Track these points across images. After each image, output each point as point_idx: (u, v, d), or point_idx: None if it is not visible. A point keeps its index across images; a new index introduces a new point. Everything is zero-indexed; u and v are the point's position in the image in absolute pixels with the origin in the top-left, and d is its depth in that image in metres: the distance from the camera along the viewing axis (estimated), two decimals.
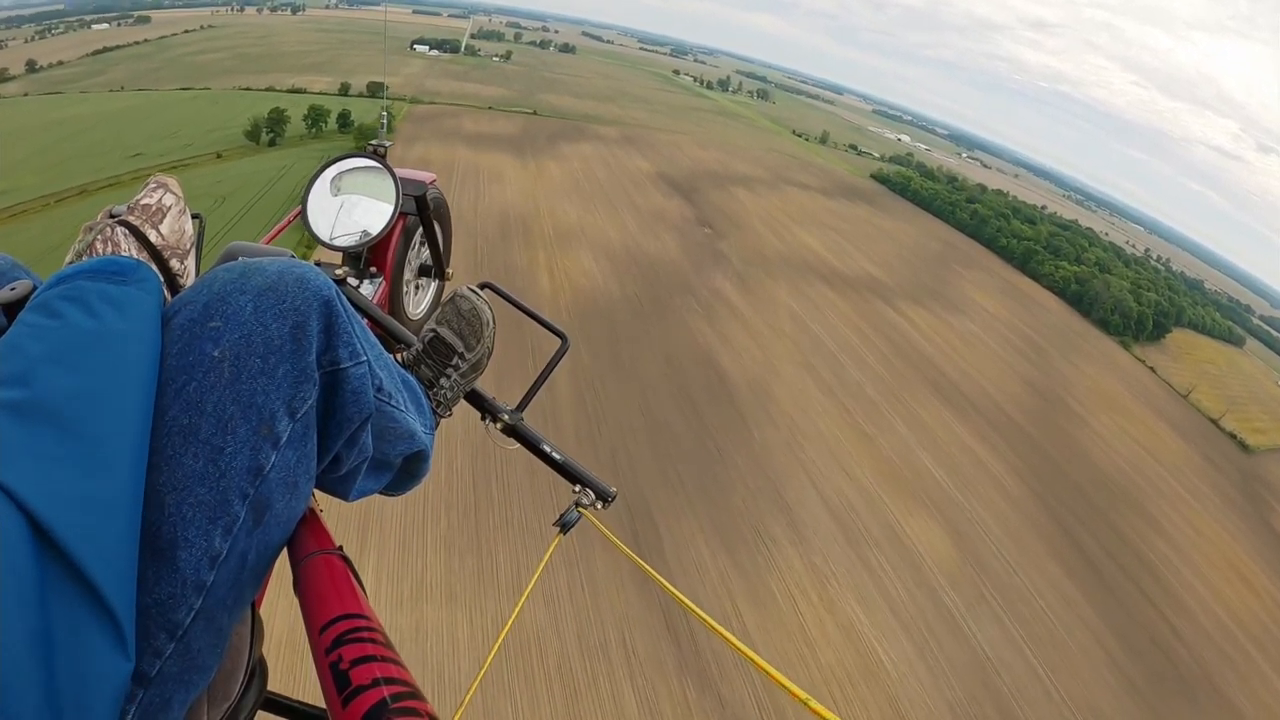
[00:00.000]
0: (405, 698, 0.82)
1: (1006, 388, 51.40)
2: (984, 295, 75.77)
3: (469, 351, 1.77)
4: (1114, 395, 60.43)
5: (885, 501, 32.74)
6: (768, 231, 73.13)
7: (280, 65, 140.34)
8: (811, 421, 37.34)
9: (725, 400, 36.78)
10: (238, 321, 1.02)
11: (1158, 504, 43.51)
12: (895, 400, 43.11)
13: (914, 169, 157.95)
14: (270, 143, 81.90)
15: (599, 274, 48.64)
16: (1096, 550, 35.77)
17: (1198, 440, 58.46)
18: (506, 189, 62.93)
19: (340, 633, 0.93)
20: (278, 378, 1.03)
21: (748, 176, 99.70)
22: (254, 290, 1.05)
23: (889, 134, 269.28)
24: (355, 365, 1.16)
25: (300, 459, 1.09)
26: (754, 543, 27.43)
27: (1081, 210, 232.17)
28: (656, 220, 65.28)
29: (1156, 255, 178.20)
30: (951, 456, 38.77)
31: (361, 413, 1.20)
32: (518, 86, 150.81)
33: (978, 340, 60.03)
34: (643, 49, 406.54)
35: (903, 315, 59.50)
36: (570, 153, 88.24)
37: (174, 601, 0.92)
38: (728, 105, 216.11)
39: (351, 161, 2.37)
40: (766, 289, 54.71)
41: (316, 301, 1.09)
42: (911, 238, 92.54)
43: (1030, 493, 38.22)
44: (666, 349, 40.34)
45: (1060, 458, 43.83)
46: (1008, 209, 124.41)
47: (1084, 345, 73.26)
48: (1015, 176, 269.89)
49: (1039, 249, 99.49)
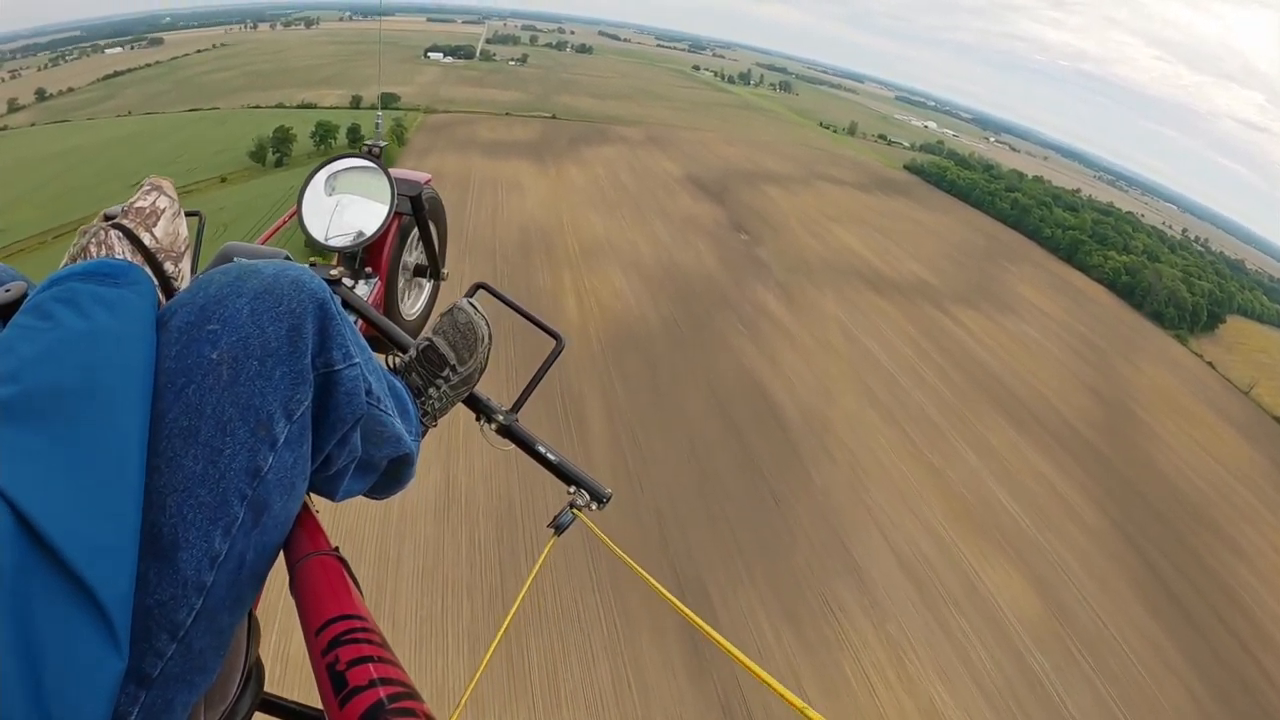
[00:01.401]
0: (402, 698, 0.82)
1: (1070, 398, 48.04)
2: (1034, 292, 72.38)
3: (461, 365, 1.78)
4: (1177, 398, 57.32)
5: (961, 548, 29.21)
6: (806, 233, 69.41)
7: (291, 80, 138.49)
8: (874, 455, 33.61)
9: (779, 436, 32.98)
10: (235, 324, 1.04)
11: (1235, 523, 40.14)
12: (960, 423, 39.41)
13: (947, 157, 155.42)
14: (277, 162, 79.06)
15: (631, 294, 44.86)
16: (1180, 584, 32.52)
17: (1265, 444, 55.02)
18: (526, 199, 59.34)
19: (337, 634, 0.94)
20: (275, 380, 1.05)
21: (779, 173, 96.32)
22: (250, 293, 1.07)
23: (916, 121, 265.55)
24: (349, 367, 1.18)
25: (296, 460, 1.11)
26: (821, 613, 23.97)
27: (1115, 191, 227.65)
28: (688, 227, 61.42)
29: (1195, 235, 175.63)
30: (1025, 486, 35.34)
31: (354, 414, 1.22)
32: (535, 89, 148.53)
33: (1035, 344, 56.64)
34: (660, 46, 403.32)
35: (955, 320, 55.75)
36: (592, 157, 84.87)
37: (175, 602, 0.94)
38: (751, 99, 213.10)
39: (346, 162, 2.36)
40: (811, 299, 50.83)
41: (312, 304, 1.11)
42: (953, 232, 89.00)
43: (1109, 522, 34.89)
44: (710, 379, 36.49)
45: (1134, 476, 40.48)
46: (1048, 196, 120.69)
47: (1141, 342, 70.15)
48: (1045, 159, 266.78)
49: (1085, 238, 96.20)
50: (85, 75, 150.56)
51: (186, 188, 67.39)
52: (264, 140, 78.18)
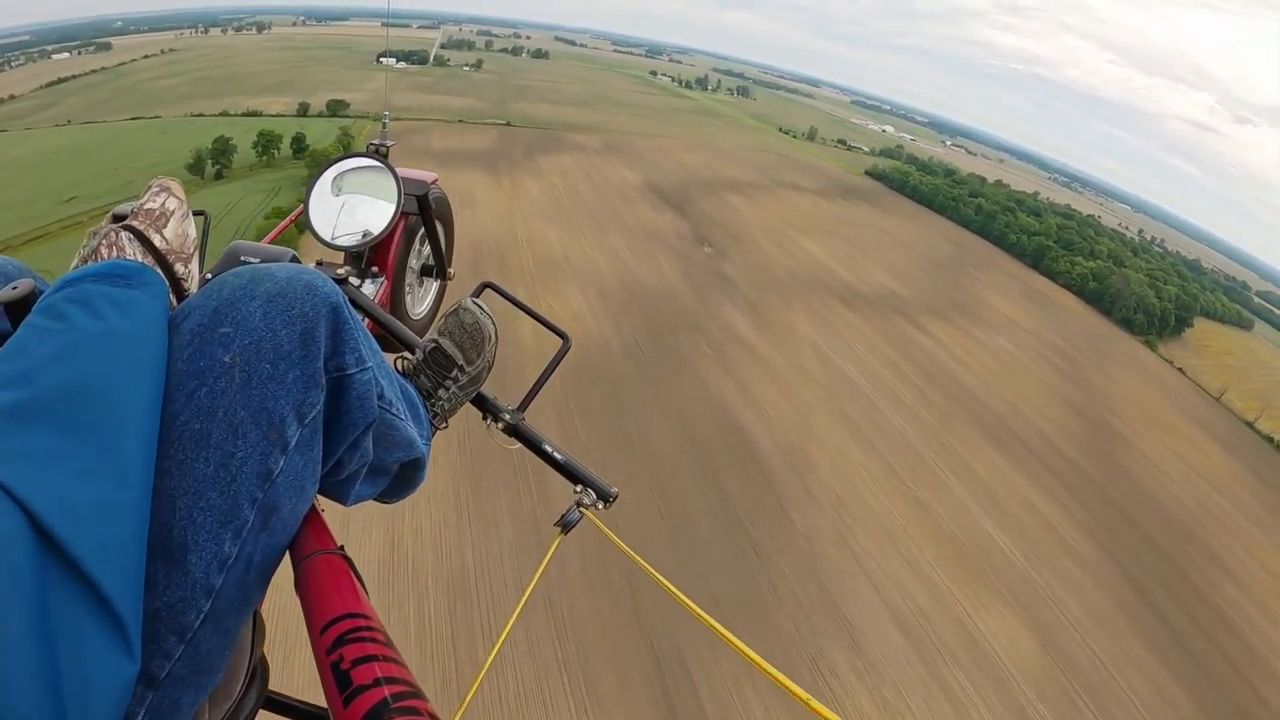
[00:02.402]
0: (406, 697, 0.83)
1: (1050, 414, 47.10)
2: (1004, 301, 72.19)
3: (469, 365, 1.78)
4: (1153, 408, 57.44)
5: (955, 595, 27.36)
6: (771, 244, 67.51)
7: (240, 87, 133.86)
8: (858, 493, 31.35)
9: (755, 475, 30.44)
10: (248, 327, 1.04)
11: (1221, 539, 39.83)
12: (943, 449, 37.52)
13: (907, 162, 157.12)
14: (217, 175, 74.66)
15: (590, 315, 42.00)
16: (1174, 610, 31.72)
17: (1242, 452, 55.61)
18: (479, 213, 55.95)
19: (341, 632, 0.95)
20: (287, 383, 1.05)
21: (740, 181, 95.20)
22: (263, 296, 1.07)
23: (873, 125, 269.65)
24: (361, 371, 1.19)
25: (307, 463, 1.11)
26: (813, 679, 21.73)
27: (1071, 194, 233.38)
28: (650, 240, 58.94)
29: (1151, 236, 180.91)
30: (1014, 517, 33.85)
31: (366, 418, 1.23)
32: (490, 96, 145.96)
33: (1009, 357, 55.73)
34: (617, 51, 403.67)
35: (928, 334, 54.20)
36: (549, 166, 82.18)
37: (184, 605, 0.94)
38: (709, 104, 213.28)
39: (353, 161, 2.34)
40: (783, 318, 48.52)
41: (325, 308, 1.11)
42: (920, 239, 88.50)
43: (1099, 549, 33.82)
44: (679, 411, 33.79)
45: (1119, 496, 39.64)
46: (1011, 202, 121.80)
47: (1112, 350, 70.32)
48: (1000, 162, 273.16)
49: (1051, 244, 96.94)
50: (29, 82, 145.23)
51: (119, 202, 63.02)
52: (202, 151, 74.19)
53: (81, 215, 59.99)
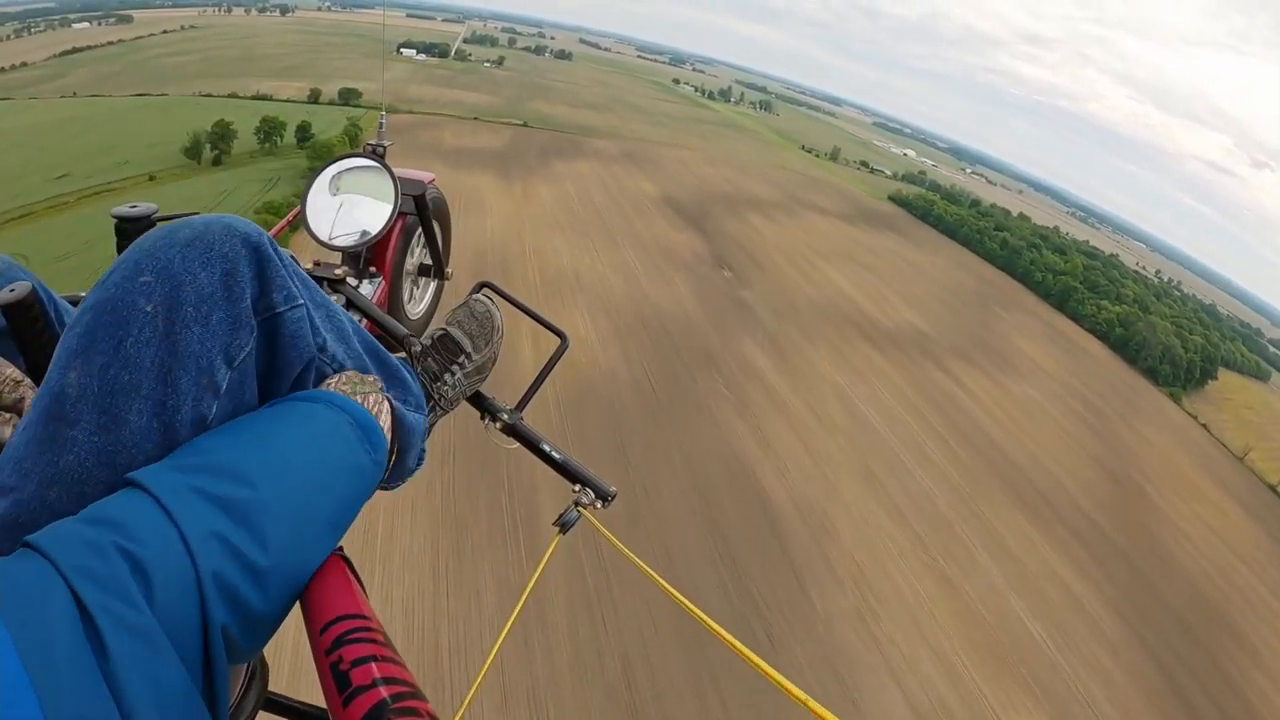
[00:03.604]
0: (405, 698, 0.83)
1: (1079, 474, 44.76)
2: (1031, 344, 69.86)
3: (476, 353, 1.79)
4: (1181, 470, 55.58)
5: (983, 691, 24.60)
6: (793, 270, 64.51)
7: (253, 69, 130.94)
8: (882, 567, 28.30)
9: (773, 545, 27.31)
10: (168, 274, 1.00)
11: (1249, 619, 37.96)
12: (972, 515, 34.62)
13: (929, 189, 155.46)
14: (215, 160, 71.51)
15: (598, 342, 38.72)
16: (1205, 706, 29.79)
17: (1267, 519, 54.03)
18: (487, 219, 52.96)
19: (340, 633, 0.95)
20: (212, 325, 1.02)
21: (762, 199, 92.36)
22: (181, 242, 1.04)
23: (894, 149, 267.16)
24: (291, 309, 1.16)
25: (237, 409, 1.09)
26: None
27: (1088, 229, 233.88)
28: (666, 259, 55.70)
29: (1168, 278, 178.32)
30: (1044, 596, 31.37)
31: (301, 356, 1.21)
32: (508, 93, 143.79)
33: (1037, 409, 53.12)
34: (641, 57, 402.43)
35: (955, 380, 51.36)
36: (564, 171, 79.28)
37: None
38: (731, 116, 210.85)
39: (351, 161, 2.34)
40: (805, 356, 45.32)
41: (245, 248, 1.08)
42: (944, 273, 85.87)
43: (1130, 633, 31.69)
44: (692, 462, 30.51)
45: (1148, 569, 37.81)
46: (1037, 237, 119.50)
47: (1139, 403, 68.64)
48: (1020, 193, 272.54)
49: (1077, 284, 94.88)
50: (44, 50, 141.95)
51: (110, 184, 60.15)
52: (201, 135, 70.89)
53: (69, 195, 57.18)
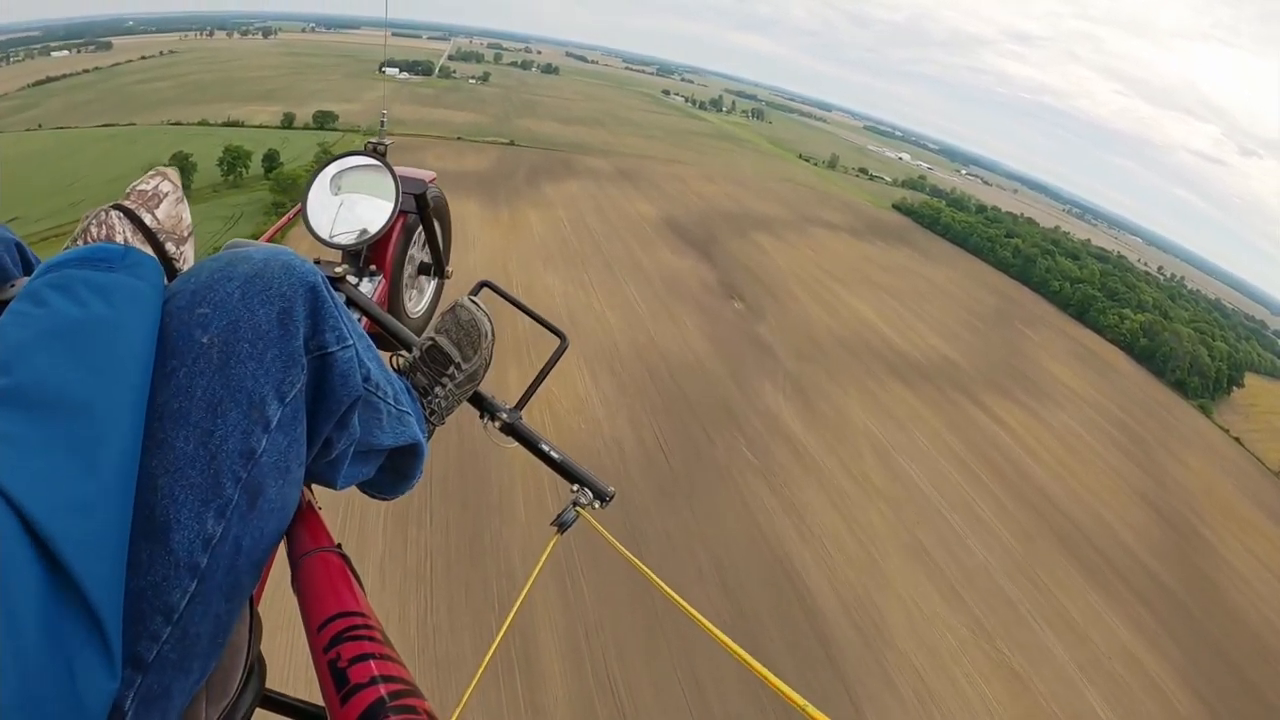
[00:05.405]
0: (403, 695, 0.83)
1: (1130, 518, 40.93)
2: (1060, 366, 66.09)
3: (465, 362, 1.79)
4: (1224, 496, 52.53)
5: None
6: (809, 298, 59.52)
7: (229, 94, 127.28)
8: (945, 670, 23.20)
9: (819, 655, 21.98)
10: (225, 308, 1.05)
11: None
12: (1033, 588, 29.92)
13: (931, 194, 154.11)
14: None
15: (599, 401, 32.94)
16: None
17: None
18: (469, 254, 47.11)
19: (338, 630, 0.95)
20: (266, 362, 1.06)
21: (767, 217, 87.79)
22: (241, 277, 1.08)
23: (889, 153, 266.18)
24: (342, 349, 1.19)
25: (291, 443, 1.12)
26: None
27: (1086, 226, 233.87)
28: (670, 292, 50.39)
29: (1171, 274, 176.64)
30: (1116, 679, 26.89)
31: (350, 395, 1.24)
32: (494, 111, 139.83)
33: (1079, 442, 49.05)
34: (628, 69, 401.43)
35: (992, 416, 46.83)
36: (554, 194, 74.08)
37: (168, 584, 0.93)
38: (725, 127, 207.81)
39: (351, 160, 2.34)
40: (833, 402, 40.07)
41: (302, 288, 1.12)
42: (962, 289, 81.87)
43: (1203, 708, 27.69)
44: (717, 554, 25.05)
45: (1212, 625, 34.28)
46: (1049, 243, 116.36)
47: (1174, 423, 65.59)
48: (1014, 192, 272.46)
49: (1096, 293, 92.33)
50: (19, 80, 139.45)
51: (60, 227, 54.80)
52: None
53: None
